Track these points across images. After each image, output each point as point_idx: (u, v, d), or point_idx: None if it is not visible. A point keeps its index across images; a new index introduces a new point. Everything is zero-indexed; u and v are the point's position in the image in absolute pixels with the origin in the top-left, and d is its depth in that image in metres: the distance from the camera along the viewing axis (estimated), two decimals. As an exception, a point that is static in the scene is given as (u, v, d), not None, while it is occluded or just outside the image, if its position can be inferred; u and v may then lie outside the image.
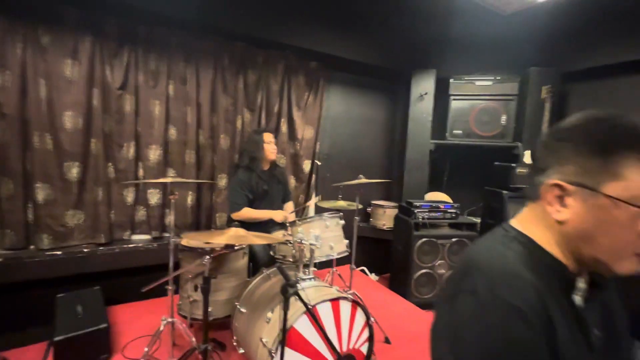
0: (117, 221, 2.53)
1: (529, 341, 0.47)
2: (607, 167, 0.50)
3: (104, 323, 1.84)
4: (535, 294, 0.50)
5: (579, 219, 0.53)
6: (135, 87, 2.46)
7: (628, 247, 0.51)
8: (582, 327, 0.54)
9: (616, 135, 0.51)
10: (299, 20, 2.92)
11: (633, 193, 0.49)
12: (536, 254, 0.56)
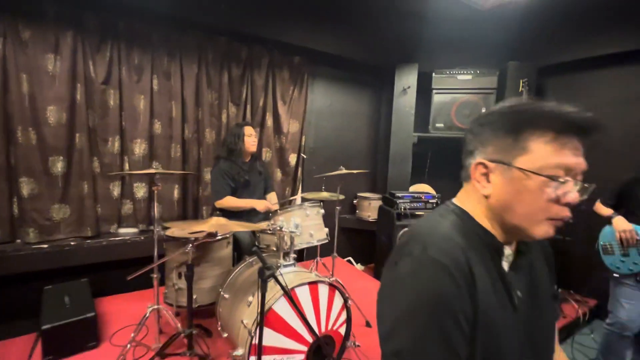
0: (103, 215, 2.56)
1: (450, 292, 0.54)
2: (518, 144, 0.58)
3: (92, 312, 1.89)
4: (462, 255, 0.58)
5: (500, 191, 0.61)
6: (119, 81, 2.49)
7: (540, 212, 0.58)
8: (506, 288, 0.62)
9: (523, 117, 0.59)
10: (283, 15, 2.96)
11: (539, 164, 0.56)
12: (468, 224, 0.64)
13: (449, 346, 0.53)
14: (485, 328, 0.56)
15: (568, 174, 0.57)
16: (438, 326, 0.53)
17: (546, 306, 0.70)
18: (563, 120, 0.56)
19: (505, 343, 0.59)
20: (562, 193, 0.57)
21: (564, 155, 0.56)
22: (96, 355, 1.85)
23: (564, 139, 0.56)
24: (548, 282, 0.73)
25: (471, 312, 0.55)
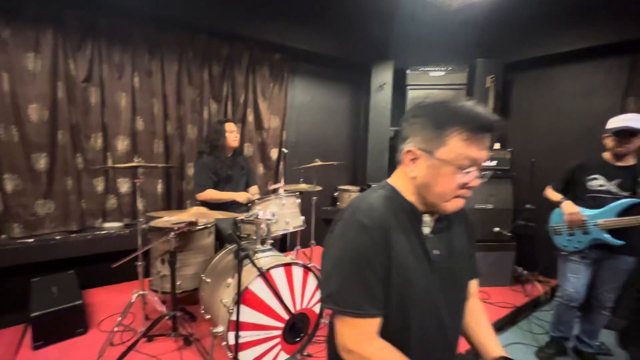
0: (88, 209, 2.63)
1: (369, 247, 0.70)
2: (440, 138, 0.71)
3: (79, 300, 1.99)
4: (381, 218, 0.72)
5: (423, 174, 0.75)
6: (100, 79, 2.55)
7: (450, 192, 0.73)
8: (423, 247, 0.77)
9: (447, 117, 0.72)
10: (262, 13, 3.05)
11: (453, 155, 0.71)
12: (395, 197, 0.79)
13: (367, 289, 0.68)
14: (399, 276, 0.71)
15: (473, 164, 0.71)
16: (358, 274, 0.68)
17: (461, 263, 0.86)
18: (477, 122, 0.70)
19: (418, 287, 0.74)
20: (469, 179, 0.72)
21: (473, 150, 0.70)
22: (85, 341, 1.96)
23: (476, 136, 0.70)
24: (465, 245, 0.88)
25: (387, 264, 0.70)
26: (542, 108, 3.55)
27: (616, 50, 2.95)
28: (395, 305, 0.73)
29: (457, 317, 0.86)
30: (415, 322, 0.75)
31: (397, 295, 0.72)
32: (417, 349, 0.75)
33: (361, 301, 0.69)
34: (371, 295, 0.69)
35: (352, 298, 0.69)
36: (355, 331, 0.70)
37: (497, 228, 3.11)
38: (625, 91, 2.93)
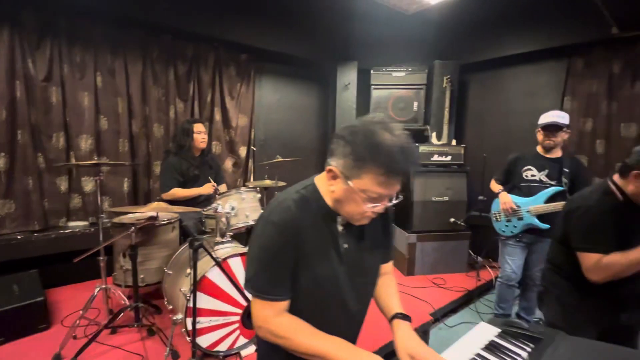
0: (51, 209, 2.64)
1: (279, 244, 0.81)
2: (358, 171, 0.79)
3: (41, 297, 2.02)
4: (292, 219, 0.83)
5: (338, 192, 0.84)
6: (60, 79, 2.56)
7: (358, 214, 0.84)
8: (335, 242, 0.89)
9: (367, 152, 0.77)
10: (227, 14, 3.13)
11: (365, 188, 0.79)
12: (313, 198, 0.88)
13: (275, 278, 0.82)
14: (307, 267, 0.84)
15: (382, 199, 0.81)
16: (268, 265, 0.82)
17: (371, 252, 0.97)
18: (393, 167, 0.76)
19: (324, 277, 0.86)
20: (376, 208, 0.81)
21: (385, 189, 0.79)
22: (47, 336, 1.99)
23: (389, 179, 0.78)
24: (380, 235, 1.00)
25: (295, 257, 0.83)
26: (493, 107, 3.83)
27: (556, 54, 3.24)
28: (304, 290, 0.85)
29: (362, 298, 0.98)
30: (322, 304, 0.88)
31: (305, 282, 0.85)
32: (324, 325, 0.86)
33: (269, 287, 0.82)
34: (278, 283, 0.82)
35: (262, 284, 0.82)
36: (263, 311, 0.83)
37: (452, 219, 3.34)
38: (563, 91, 3.22)
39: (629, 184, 1.25)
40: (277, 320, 0.82)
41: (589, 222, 1.29)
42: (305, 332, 0.81)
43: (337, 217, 0.89)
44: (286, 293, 0.84)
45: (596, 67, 2.98)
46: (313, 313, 0.87)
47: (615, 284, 1.25)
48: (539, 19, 3.20)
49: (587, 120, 3.05)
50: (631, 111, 2.79)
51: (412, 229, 3.31)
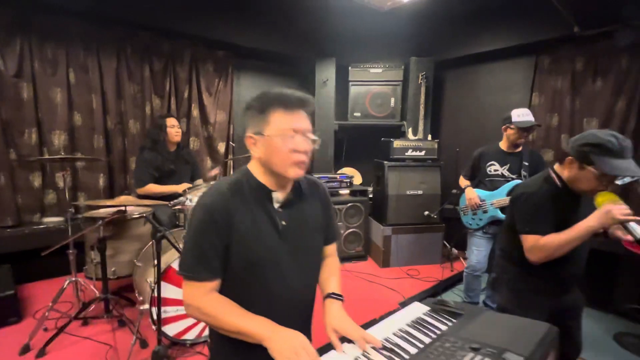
0: (24, 205, 2.64)
1: (208, 223, 0.86)
2: (264, 119, 0.90)
3: (10, 290, 2.04)
4: (223, 200, 0.88)
5: (263, 152, 0.92)
6: (32, 75, 2.56)
7: (287, 158, 0.89)
8: (272, 220, 0.94)
9: (265, 102, 0.90)
10: (203, 11, 3.14)
11: (276, 130, 0.88)
12: (247, 180, 0.95)
13: (202, 259, 0.86)
14: (241, 246, 0.88)
15: (296, 132, 0.88)
16: (196, 246, 0.87)
17: (312, 231, 1.04)
18: (287, 100, 0.89)
19: (261, 254, 0.90)
20: (296, 144, 0.89)
21: (291, 121, 0.89)
22: (18, 329, 2.02)
23: (290, 111, 0.89)
24: (320, 216, 1.07)
25: (227, 237, 0.87)
26: (468, 102, 3.92)
27: (525, 52, 3.33)
28: (238, 269, 0.90)
29: (307, 276, 1.02)
30: (261, 282, 0.91)
31: (239, 261, 0.89)
32: (264, 304, 0.91)
33: (197, 268, 0.86)
34: (205, 264, 0.86)
35: (190, 265, 0.87)
36: (191, 290, 0.87)
37: (426, 212, 3.44)
38: (531, 87, 3.33)
39: (564, 170, 1.34)
40: (204, 299, 0.86)
41: (529, 207, 1.37)
42: (231, 311, 0.86)
43: (272, 194, 0.95)
44: (214, 273, 0.88)
45: (561, 65, 3.08)
46: (256, 290, 0.91)
47: (555, 267, 1.34)
48: (509, 17, 3.29)
49: (553, 115, 3.16)
50: (592, 107, 2.91)
51: (387, 222, 3.40)
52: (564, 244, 1.26)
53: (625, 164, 1.19)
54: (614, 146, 1.19)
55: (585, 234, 1.23)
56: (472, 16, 3.56)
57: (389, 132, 3.83)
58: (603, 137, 1.21)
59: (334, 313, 0.94)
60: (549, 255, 1.30)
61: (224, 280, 0.92)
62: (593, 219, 1.22)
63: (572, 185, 1.34)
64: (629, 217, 1.17)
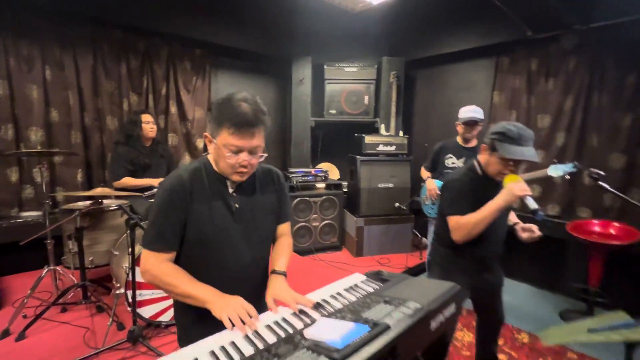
0: (1, 199, 2.69)
1: (168, 203, 1.00)
2: (217, 130, 1.01)
3: (-11, 280, 2.12)
4: (182, 184, 1.02)
5: (213, 153, 1.06)
6: (7, 72, 2.61)
7: (229, 168, 1.03)
8: (226, 202, 1.09)
9: (220, 114, 1.00)
10: (179, 10, 3.23)
11: (224, 143, 1.00)
12: (205, 168, 1.09)
13: (159, 233, 1.00)
14: (196, 224, 1.03)
15: (240, 150, 1.00)
16: (155, 222, 1.01)
17: (265, 214, 1.19)
18: (237, 120, 0.99)
19: (215, 232, 1.05)
20: (238, 159, 1.01)
21: (236, 140, 0.99)
22: (-2, 317, 2.10)
23: (239, 130, 0.99)
24: (273, 201, 1.22)
25: (184, 216, 1.02)
26: (437, 100, 4.14)
27: (487, 53, 3.56)
28: (195, 244, 1.04)
29: (258, 253, 1.17)
30: (215, 256, 1.06)
31: (195, 237, 1.04)
32: (218, 276, 1.05)
33: (155, 241, 1.01)
34: (163, 238, 1.01)
35: (149, 237, 1.01)
36: (149, 259, 1.01)
37: (397, 204, 3.64)
38: (493, 86, 3.56)
39: (482, 157, 1.53)
40: (159, 267, 1.00)
41: (452, 192, 1.56)
42: (181, 278, 1.00)
43: (227, 181, 1.09)
44: (170, 246, 1.02)
45: (518, 65, 3.32)
46: (210, 263, 1.06)
47: (476, 246, 1.53)
48: (472, 20, 3.51)
49: (512, 113, 3.40)
50: (545, 104, 3.15)
51: (359, 214, 3.58)
52: (479, 221, 1.45)
53: (522, 150, 1.38)
54: (513, 134, 1.38)
55: (495, 211, 1.42)
56: (439, 19, 3.77)
57: (363, 128, 4.01)
58: (506, 126, 1.41)
59: (274, 285, 1.09)
60: (468, 233, 1.48)
61: (184, 254, 1.06)
62: (499, 197, 1.42)
63: (487, 171, 1.53)
64: (526, 192, 1.37)
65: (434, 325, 0.93)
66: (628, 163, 2.73)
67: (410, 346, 0.84)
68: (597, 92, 2.84)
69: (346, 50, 4.14)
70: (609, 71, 2.75)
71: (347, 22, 3.90)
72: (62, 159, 2.90)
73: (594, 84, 2.85)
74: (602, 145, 2.85)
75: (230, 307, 0.90)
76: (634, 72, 2.63)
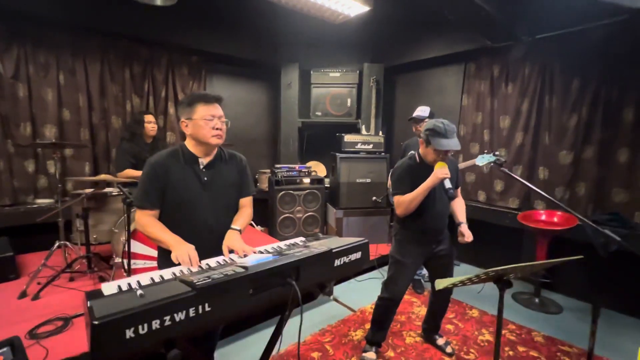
0: (20, 187, 3.09)
1: (151, 175, 1.37)
2: (192, 110, 1.40)
3: (10, 252, 2.50)
4: (162, 160, 1.40)
5: (192, 130, 1.43)
6: (27, 76, 3.02)
7: (208, 132, 1.40)
8: (197, 176, 1.46)
9: (193, 99, 1.41)
10: (178, 22, 3.62)
11: (200, 115, 1.38)
12: (181, 150, 1.46)
13: (146, 196, 1.37)
14: (173, 191, 1.39)
15: (213, 116, 1.40)
16: (143, 188, 1.37)
17: (228, 188, 1.54)
18: (205, 97, 1.41)
19: (188, 199, 1.41)
20: (214, 124, 1.40)
21: (209, 110, 1.39)
22: (16, 283, 2.48)
23: (208, 103, 1.40)
24: (236, 177, 1.58)
25: (163, 184, 1.38)
26: (414, 103, 4.41)
27: (457, 59, 3.89)
28: (171, 206, 1.41)
29: (221, 216, 1.52)
30: (187, 218, 1.42)
31: (171, 201, 1.40)
32: (189, 233, 1.39)
33: (142, 201, 1.38)
34: (147, 199, 1.38)
35: (139, 199, 1.38)
36: (138, 214, 1.39)
37: (374, 197, 3.96)
38: (462, 90, 3.89)
39: (420, 149, 1.87)
40: (144, 219, 1.38)
41: (395, 177, 1.92)
42: (157, 228, 1.37)
43: (199, 159, 1.46)
44: (153, 206, 1.39)
45: (483, 71, 3.64)
46: (184, 221, 1.42)
47: (419, 221, 1.88)
48: (442, 30, 3.84)
49: (478, 114, 3.72)
50: (506, 107, 3.47)
51: (339, 206, 3.91)
52: (413, 198, 1.79)
53: (449, 141, 1.73)
54: (441, 130, 1.73)
55: (424, 190, 1.77)
56: (414, 29, 4.11)
57: (347, 128, 4.35)
58: (435, 123, 1.76)
59: (229, 237, 1.45)
60: (406, 208, 1.83)
61: (165, 213, 1.43)
62: (428, 179, 1.76)
63: (425, 159, 1.87)
64: (446, 175, 1.71)
65: (337, 263, 1.27)
66: (574, 159, 3.02)
67: (312, 272, 1.18)
68: (548, 95, 3.15)
69: (331, 56, 4.50)
70: (556, 77, 3.07)
71: (332, 32, 4.25)
72: (72, 152, 3.30)
73: (544, 88, 3.17)
74: (552, 143, 3.15)
75: (181, 251, 1.26)
76: (577, 77, 2.94)
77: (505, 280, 1.38)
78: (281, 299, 1.10)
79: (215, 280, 0.95)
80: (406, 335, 2.39)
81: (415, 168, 1.89)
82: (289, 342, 2.16)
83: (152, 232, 1.36)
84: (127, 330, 0.78)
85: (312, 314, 2.70)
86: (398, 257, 1.99)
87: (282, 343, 1.34)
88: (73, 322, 1.98)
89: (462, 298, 2.94)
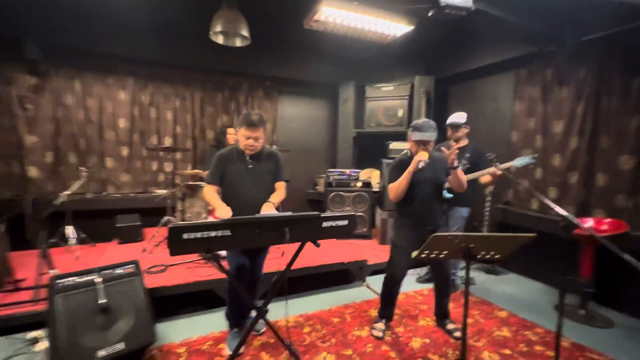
0: (148, 180, 4.39)
1: (218, 161, 2.11)
2: (240, 127, 2.10)
3: (139, 222, 3.66)
4: (225, 153, 2.13)
5: (238, 139, 2.14)
6: (157, 103, 4.33)
7: (244, 147, 2.08)
8: (246, 166, 2.13)
9: (242, 120, 2.07)
10: (255, 55, 4.61)
11: (241, 134, 2.06)
12: (236, 148, 2.16)
13: (213, 176, 2.11)
14: (228, 174, 2.10)
15: (248, 137, 2.05)
16: (211, 171, 2.12)
17: (266, 174, 2.18)
18: (245, 122, 2.05)
19: (238, 180, 2.09)
20: (247, 143, 2.06)
21: (247, 132, 2.04)
22: (141, 244, 3.59)
23: (247, 128, 2.04)
24: (272, 168, 2.22)
25: (223, 170, 2.10)
26: (467, 111, 4.45)
27: (507, 67, 3.89)
28: (227, 185, 2.10)
29: (260, 194, 2.12)
30: (236, 192, 2.08)
31: (227, 181, 2.10)
32: (238, 203, 2.03)
33: (210, 179, 2.11)
34: (212, 178, 2.10)
35: (208, 177, 2.13)
36: (206, 187, 2.12)
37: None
38: (514, 96, 3.84)
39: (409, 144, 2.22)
40: (208, 190, 2.11)
41: (390, 168, 2.30)
42: (214, 196, 2.07)
43: (245, 155, 2.13)
44: (216, 183, 2.11)
45: (535, 76, 3.59)
46: (235, 195, 2.10)
47: (409, 206, 2.20)
48: (491, 39, 3.92)
49: (530, 120, 3.64)
50: (559, 111, 3.35)
51: (384, 208, 4.24)
52: (399, 184, 2.15)
53: (422, 134, 2.09)
54: (418, 125, 2.11)
55: (406, 175, 2.12)
56: (461, 40, 4.26)
57: (398, 138, 4.66)
58: (416, 121, 2.14)
59: (265, 207, 2.05)
60: (395, 192, 2.18)
61: (224, 190, 2.13)
62: (410, 166, 2.09)
63: (413, 153, 2.19)
64: (422, 160, 2.03)
65: (325, 225, 1.75)
66: (637, 164, 2.78)
67: (303, 226, 1.69)
68: (606, 97, 2.97)
69: (384, 72, 4.93)
70: (614, 77, 2.89)
71: (383, 50, 4.70)
72: (180, 156, 4.50)
73: (602, 90, 3.00)
74: (611, 148, 2.94)
75: (222, 210, 1.92)
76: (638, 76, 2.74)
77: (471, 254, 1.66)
78: (278, 241, 1.64)
79: (234, 219, 1.56)
80: (421, 319, 2.62)
81: (406, 161, 2.21)
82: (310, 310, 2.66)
83: (210, 197, 2.08)
84: (184, 234, 1.44)
85: (344, 293, 3.14)
86: (395, 241, 2.32)
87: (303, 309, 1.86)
88: (169, 268, 2.87)
89: (495, 301, 2.96)
